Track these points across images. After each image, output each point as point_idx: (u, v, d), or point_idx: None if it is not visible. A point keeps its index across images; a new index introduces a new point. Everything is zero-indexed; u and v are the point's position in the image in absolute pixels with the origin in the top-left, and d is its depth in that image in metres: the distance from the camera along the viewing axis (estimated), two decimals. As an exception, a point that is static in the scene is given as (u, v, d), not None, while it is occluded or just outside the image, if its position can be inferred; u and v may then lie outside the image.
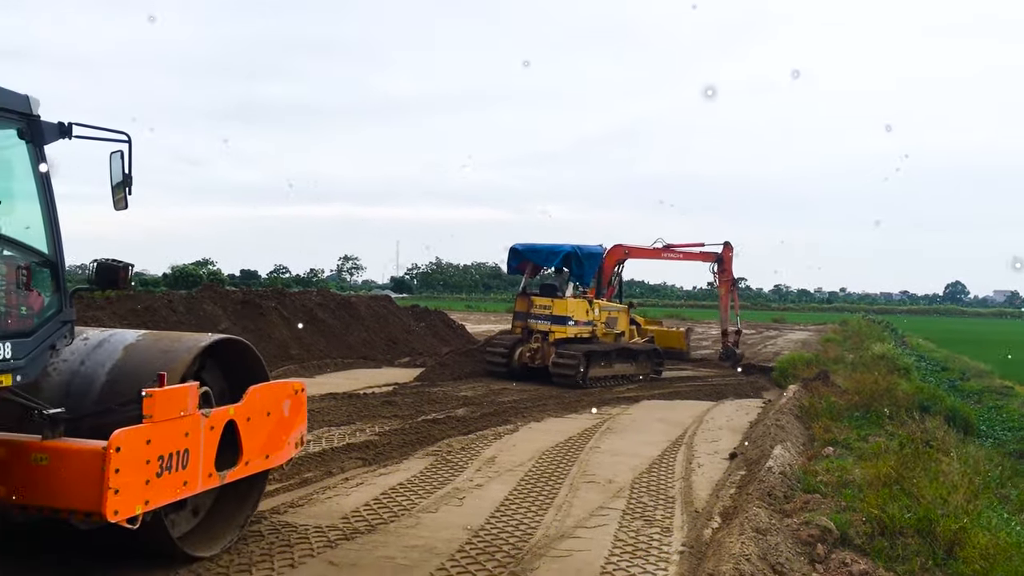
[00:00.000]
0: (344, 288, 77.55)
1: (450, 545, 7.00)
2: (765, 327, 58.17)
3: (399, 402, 14.84)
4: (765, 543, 6.63)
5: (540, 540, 7.27)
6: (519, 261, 20.20)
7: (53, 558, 6.18)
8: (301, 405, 7.35)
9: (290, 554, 6.59)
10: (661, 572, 6.56)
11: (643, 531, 7.67)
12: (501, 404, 15.66)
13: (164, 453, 5.52)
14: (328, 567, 6.37)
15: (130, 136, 5.81)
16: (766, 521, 7.19)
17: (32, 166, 5.48)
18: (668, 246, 26.65)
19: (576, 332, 19.29)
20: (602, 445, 11.99)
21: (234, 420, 6.36)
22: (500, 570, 6.45)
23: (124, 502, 5.20)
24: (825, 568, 6.57)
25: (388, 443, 11.05)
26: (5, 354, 5.11)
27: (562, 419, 14.40)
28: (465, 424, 13.12)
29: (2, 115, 5.27)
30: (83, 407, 5.80)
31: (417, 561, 6.58)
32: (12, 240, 5.30)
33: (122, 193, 5.82)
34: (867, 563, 6.64)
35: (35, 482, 5.21)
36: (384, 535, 7.23)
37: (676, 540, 7.43)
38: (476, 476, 9.62)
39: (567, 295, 19.36)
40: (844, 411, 14.02)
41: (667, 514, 8.31)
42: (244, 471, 6.55)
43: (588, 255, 19.68)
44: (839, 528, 7.21)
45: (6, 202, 5.39)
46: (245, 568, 6.22)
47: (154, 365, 5.92)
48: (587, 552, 6.98)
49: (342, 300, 26.98)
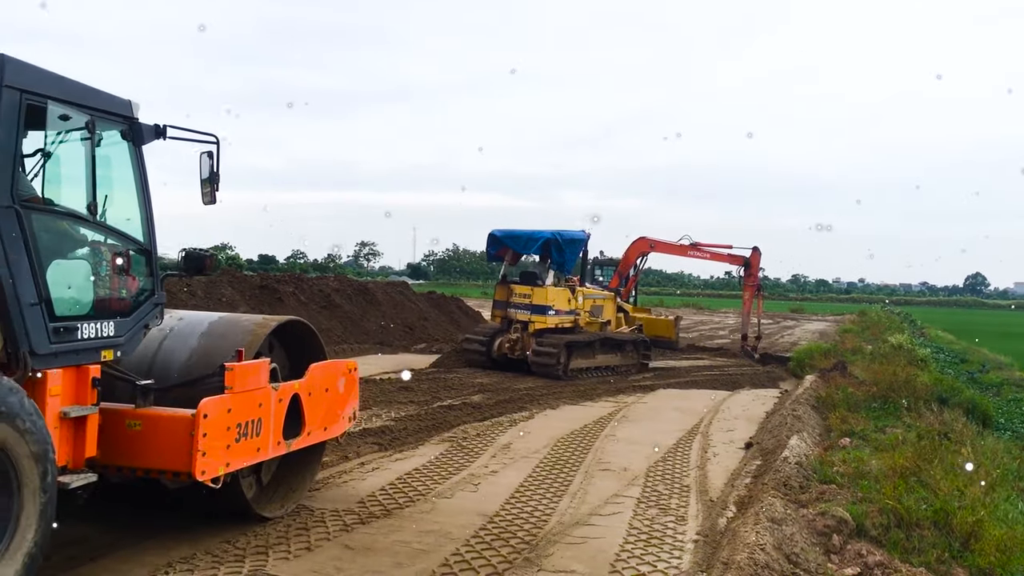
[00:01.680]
0: (361, 274, 77.69)
1: (465, 530, 7.03)
2: (783, 317, 57.96)
3: (415, 388, 14.89)
4: (780, 533, 6.62)
5: (555, 527, 7.29)
6: (498, 248, 19.29)
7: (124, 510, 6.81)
8: (354, 383, 7.99)
9: (306, 537, 6.65)
10: (675, 560, 6.56)
11: (658, 519, 7.67)
12: (517, 391, 15.69)
13: (242, 421, 6.20)
14: (344, 550, 6.41)
15: (218, 138, 6.41)
16: (781, 511, 7.18)
17: (132, 164, 6.11)
18: (695, 244, 26.39)
19: (557, 322, 18.53)
20: (617, 433, 11.99)
21: (298, 394, 6.99)
22: (515, 556, 6.48)
23: (209, 464, 5.85)
24: (840, 559, 6.56)
25: (404, 429, 11.10)
26: (108, 331, 5.75)
27: (577, 407, 14.42)
28: (481, 411, 13.16)
29: (108, 118, 5.85)
30: (168, 379, 6.46)
31: (432, 546, 6.61)
32: (116, 230, 5.92)
33: (209, 188, 6.44)
34: (883, 554, 6.61)
35: (129, 446, 5.83)
36: (399, 520, 7.27)
37: (691, 529, 7.43)
38: (491, 462, 9.65)
39: (547, 283, 18.59)
40: (861, 402, 13.96)
41: (682, 503, 8.31)
42: (306, 441, 7.18)
43: (569, 241, 18.79)
44: (855, 519, 7.18)
45: (109, 196, 5.87)
46: (262, 550, 6.28)
47: (231, 342, 6.61)
48: (601, 539, 6.99)
49: (359, 286, 27.10)
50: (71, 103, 5.52)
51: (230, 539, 6.45)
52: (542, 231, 18.77)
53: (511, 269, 19.52)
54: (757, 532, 6.50)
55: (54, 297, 5.29)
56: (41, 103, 5.28)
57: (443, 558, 6.34)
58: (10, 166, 5.07)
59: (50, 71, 5.40)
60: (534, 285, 18.42)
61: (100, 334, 5.67)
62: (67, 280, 5.50)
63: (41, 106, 5.29)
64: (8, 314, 4.97)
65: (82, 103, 5.60)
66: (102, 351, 5.71)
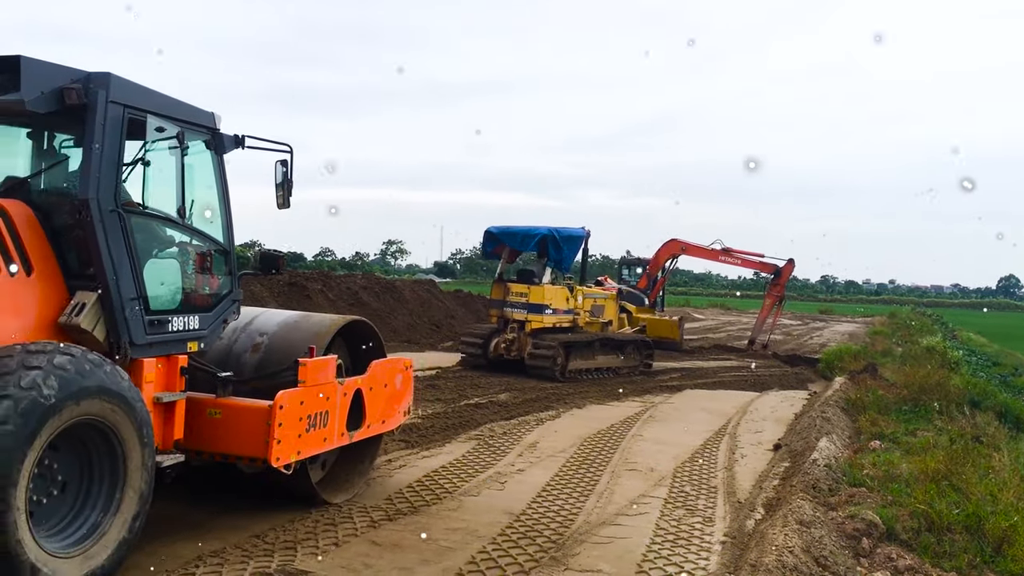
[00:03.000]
0: (388, 272, 77.97)
1: (491, 529, 7.04)
2: (811, 318, 57.51)
3: (442, 386, 14.93)
4: (809, 535, 6.57)
5: (581, 526, 7.28)
6: (494, 245, 18.57)
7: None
8: (409, 380, 8.46)
9: (334, 533, 6.69)
10: (703, 562, 6.53)
11: (685, 520, 7.64)
12: (543, 390, 15.68)
13: (312, 412, 6.68)
14: (371, 547, 6.44)
15: (291, 147, 6.97)
16: (810, 513, 7.12)
17: (214, 171, 6.68)
18: (727, 249, 26.39)
19: (555, 321, 17.89)
20: (644, 433, 11.95)
21: (361, 389, 7.43)
22: (541, 555, 6.48)
23: (284, 451, 6.36)
24: (870, 562, 6.50)
25: (431, 426, 11.13)
26: (194, 325, 6.31)
27: (604, 406, 14.39)
28: (507, 409, 13.17)
29: (194, 129, 6.39)
30: (243, 371, 6.94)
31: (459, 543, 6.63)
32: (200, 232, 6.48)
33: (282, 193, 6.98)
34: (913, 558, 6.55)
35: (210, 432, 6.33)
36: (426, 517, 7.30)
37: (718, 530, 7.39)
38: (518, 461, 9.66)
39: (544, 281, 17.92)
40: (892, 405, 13.81)
41: (709, 504, 8.27)
42: (366, 433, 7.62)
43: (567, 238, 18.07)
44: (885, 522, 7.11)
45: (195, 201, 6.43)
46: (291, 545, 6.32)
47: (303, 340, 7.08)
48: (628, 539, 6.98)
49: (386, 284, 27.22)
50: (165, 116, 6.04)
51: (259, 534, 6.51)
52: (539, 227, 18.11)
53: (508, 267, 18.82)
54: (785, 534, 6.46)
55: (149, 293, 5.86)
56: (140, 117, 5.80)
57: (470, 556, 6.36)
58: (115, 174, 5.61)
59: (146, 87, 5.92)
60: (531, 283, 17.79)
61: (187, 327, 6.25)
62: (160, 277, 6.05)
63: (140, 120, 5.80)
64: (112, 308, 5.54)
65: (173, 116, 6.14)
66: (188, 343, 6.30)
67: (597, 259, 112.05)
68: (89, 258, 5.54)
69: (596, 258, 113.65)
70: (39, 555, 4.67)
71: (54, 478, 5.02)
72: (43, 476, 4.91)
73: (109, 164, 5.57)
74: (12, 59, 5.35)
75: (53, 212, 5.62)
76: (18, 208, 5.44)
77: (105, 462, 5.25)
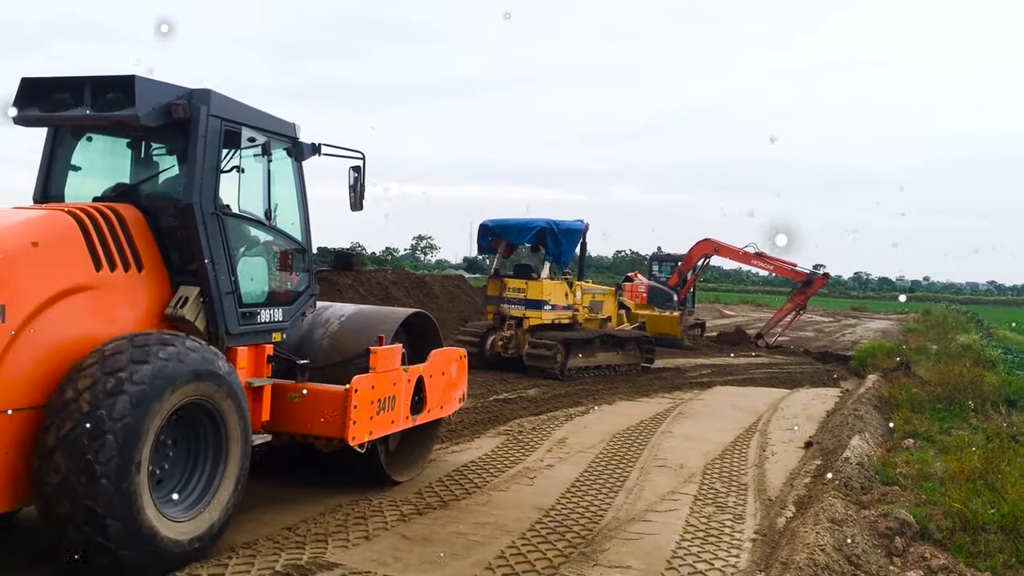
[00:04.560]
0: (418, 267, 78.17)
1: (521, 524, 7.05)
2: (844, 315, 56.90)
3: (471, 381, 14.90)
4: (841, 534, 6.50)
5: (610, 522, 7.27)
6: (490, 239, 17.86)
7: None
8: (464, 368, 9.05)
9: (365, 526, 6.74)
10: (733, 559, 6.49)
11: (715, 517, 7.60)
12: (572, 386, 15.68)
13: (382, 396, 7.30)
14: (401, 540, 6.48)
15: (364, 154, 7.57)
16: (842, 512, 7.05)
17: (294, 176, 7.29)
18: (760, 253, 26.66)
19: (554, 318, 17.25)
20: (674, 430, 11.91)
21: (422, 376, 8.04)
22: (570, 550, 6.48)
23: (358, 431, 7.00)
24: (903, 561, 6.42)
25: (460, 421, 11.16)
26: (278, 317, 6.93)
27: (633, 402, 14.35)
28: (536, 405, 13.18)
29: (278, 138, 7.00)
30: (317, 358, 7.51)
31: (488, 538, 6.65)
32: (283, 233, 7.09)
33: (355, 196, 7.60)
34: (947, 558, 6.46)
35: (291, 414, 6.96)
36: (456, 511, 7.32)
37: (748, 528, 7.35)
38: (547, 457, 9.66)
39: (542, 276, 17.25)
40: (926, 403, 13.62)
41: (740, 501, 8.23)
42: (427, 417, 8.23)
43: (566, 231, 17.41)
44: (919, 521, 7.02)
45: (279, 204, 7.00)
46: (322, 538, 6.37)
47: (372, 330, 7.65)
48: (658, 536, 6.96)
49: (416, 279, 27.29)
50: (254, 127, 6.68)
51: (290, 526, 6.57)
52: (537, 220, 17.51)
53: (504, 262, 18.23)
54: (817, 532, 6.41)
55: (242, 288, 6.47)
56: (235, 128, 6.46)
57: (499, 550, 6.37)
58: (214, 180, 6.25)
59: (240, 102, 6.55)
60: (528, 278, 17.07)
61: (272, 319, 6.87)
62: (250, 274, 6.65)
63: (235, 131, 6.46)
64: (211, 300, 6.16)
65: (261, 126, 6.77)
66: (273, 333, 6.92)
67: (627, 255, 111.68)
68: (190, 256, 6.16)
69: (626, 253, 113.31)
70: (159, 518, 5.31)
71: (167, 453, 5.65)
72: (159, 449, 5.49)
73: (209, 171, 6.19)
74: (127, 79, 5.94)
75: (159, 215, 6.23)
76: (129, 211, 6.04)
77: (210, 439, 5.87)
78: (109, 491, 4.94)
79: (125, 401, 5.04)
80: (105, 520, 4.95)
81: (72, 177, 6.68)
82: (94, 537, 4.96)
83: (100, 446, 4.93)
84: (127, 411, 5.03)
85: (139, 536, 5.11)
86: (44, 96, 6.21)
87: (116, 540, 5.00)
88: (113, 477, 4.96)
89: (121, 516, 5.00)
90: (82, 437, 4.93)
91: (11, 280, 5.07)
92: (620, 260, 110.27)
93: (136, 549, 5.09)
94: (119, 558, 5.04)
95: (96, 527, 4.94)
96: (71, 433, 4.95)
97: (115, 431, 4.98)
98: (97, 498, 4.92)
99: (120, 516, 5.00)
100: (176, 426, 5.65)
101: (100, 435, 4.94)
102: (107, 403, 5.00)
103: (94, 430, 4.94)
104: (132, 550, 5.07)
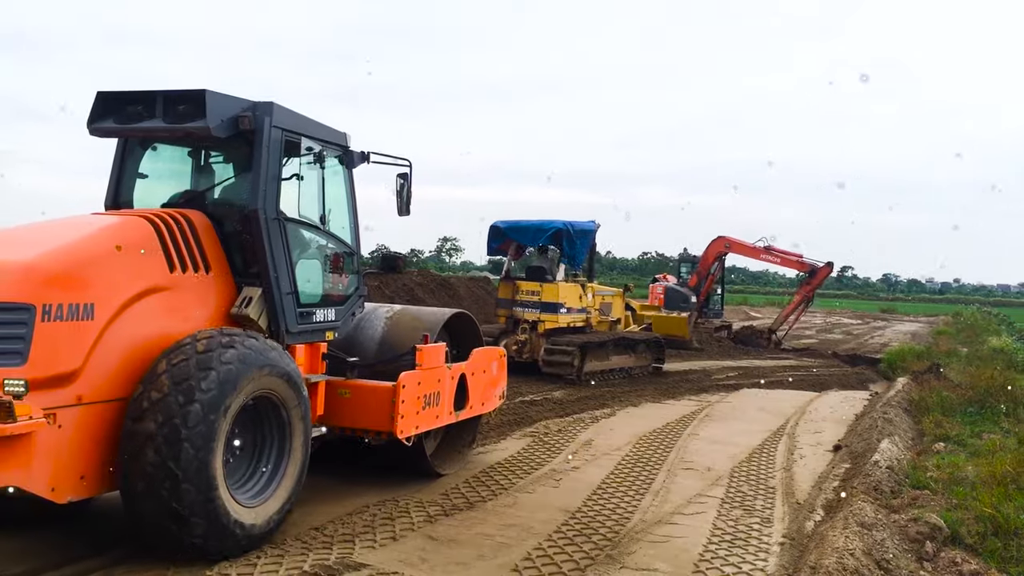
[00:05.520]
0: (443, 269, 78.31)
1: (547, 526, 7.05)
2: (873, 317, 56.34)
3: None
4: (870, 538, 6.44)
5: (637, 524, 7.25)
6: (501, 241, 17.25)
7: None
8: (503, 367, 9.37)
9: (391, 527, 6.76)
10: (760, 563, 6.46)
11: (742, 520, 7.56)
12: (597, 388, 15.65)
13: (427, 392, 7.64)
14: (428, 541, 6.50)
15: (411, 162, 7.91)
16: (872, 516, 6.99)
17: (345, 183, 7.64)
18: (769, 247, 27.02)
19: (569, 321, 16.77)
20: (700, 432, 11.85)
21: (464, 374, 8.38)
22: (597, 552, 6.47)
23: (406, 425, 7.33)
24: (934, 566, 6.35)
25: (486, 423, 11.15)
26: (331, 317, 7.28)
27: (660, 405, 14.30)
28: (562, 406, 13.17)
29: (331, 147, 7.35)
30: (366, 356, 7.87)
31: (514, 540, 6.65)
32: (336, 237, 7.42)
33: (401, 202, 7.91)
34: (979, 563, 6.38)
35: (341, 409, 7.31)
36: (482, 513, 7.34)
37: (776, 531, 7.30)
38: (573, 459, 9.66)
39: (558, 278, 16.79)
40: (956, 406, 13.45)
41: (767, 504, 8.17)
42: (469, 413, 8.59)
43: (581, 232, 16.97)
44: (949, 526, 6.94)
45: (331, 209, 7.32)
46: (349, 539, 6.41)
47: (417, 329, 8.03)
48: (685, 539, 6.93)
49: (441, 280, 27.39)
50: (311, 137, 7.03)
51: (318, 527, 6.61)
52: (552, 221, 16.91)
53: (513, 264, 17.69)
54: (846, 536, 6.35)
55: (299, 289, 6.81)
56: (295, 138, 6.84)
57: (525, 552, 6.37)
58: (276, 187, 6.60)
59: (298, 113, 6.89)
60: (543, 281, 16.58)
61: (326, 319, 7.22)
62: (306, 275, 6.98)
63: (295, 141, 6.84)
64: (272, 300, 6.52)
65: (317, 136, 7.12)
66: (327, 332, 7.28)
67: (653, 256, 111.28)
68: (253, 258, 6.52)
69: (652, 255, 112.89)
70: (237, 508, 5.69)
71: (235, 443, 5.97)
72: (231, 438, 5.79)
73: (272, 179, 6.55)
74: (198, 93, 6.31)
75: (223, 220, 6.57)
76: (198, 217, 6.40)
77: (274, 428, 6.23)
78: (191, 495, 5.30)
79: (197, 411, 5.35)
80: (183, 500, 5.28)
81: (140, 185, 7.08)
82: (182, 538, 5.37)
83: (178, 457, 5.26)
84: (199, 419, 5.36)
85: (214, 518, 5.44)
86: (118, 109, 6.60)
87: (192, 521, 5.34)
88: (194, 486, 5.31)
89: (199, 498, 5.33)
90: (160, 451, 5.26)
91: (100, 280, 5.47)
92: (645, 261, 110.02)
93: (209, 530, 5.43)
94: (194, 539, 5.39)
95: (175, 507, 5.28)
96: (155, 420, 5.30)
97: (191, 440, 5.30)
98: (178, 479, 5.26)
99: (198, 498, 5.33)
100: (246, 417, 6.01)
101: (177, 444, 5.27)
102: (180, 414, 5.31)
103: (171, 444, 5.27)
104: (206, 531, 5.41)
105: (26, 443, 4.85)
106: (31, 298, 5.07)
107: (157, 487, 5.27)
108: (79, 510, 6.27)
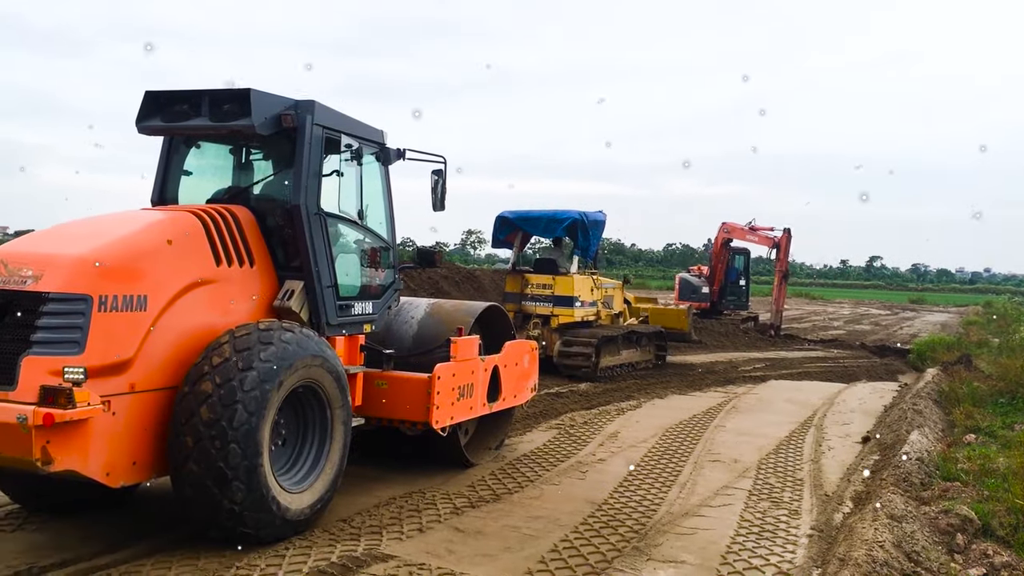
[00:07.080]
0: (468, 262, 78.41)
1: (573, 518, 7.05)
2: (901, 308, 55.77)
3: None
4: (900, 530, 6.38)
5: (664, 517, 7.23)
6: (508, 232, 16.65)
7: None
8: (535, 360, 9.56)
9: (418, 519, 6.80)
10: (789, 555, 6.42)
11: (770, 512, 7.52)
12: (623, 380, 15.62)
13: (462, 384, 7.82)
14: (454, 533, 6.53)
15: (445, 159, 7.98)
16: (901, 508, 6.92)
17: (381, 179, 7.75)
18: (751, 226, 27.07)
19: (583, 315, 16.13)
20: (727, 424, 11.80)
21: (497, 366, 8.55)
22: (623, 544, 6.46)
23: (441, 415, 7.52)
24: (964, 559, 6.28)
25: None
26: (368, 310, 7.46)
27: (686, 396, 14.25)
28: (588, 399, 13.16)
29: (369, 144, 7.46)
30: (401, 348, 7.95)
31: (541, 531, 6.66)
32: (373, 231, 7.56)
33: (436, 197, 7.98)
34: (1010, 555, 6.30)
35: (377, 400, 7.49)
36: (508, 504, 7.35)
37: (804, 523, 7.25)
38: (599, 451, 9.65)
39: (572, 271, 16.04)
40: (988, 397, 13.29)
41: (795, 496, 8.12)
42: (502, 404, 8.76)
43: (594, 223, 16.29)
44: (980, 518, 6.87)
45: (369, 205, 7.43)
46: (376, 530, 6.45)
47: (451, 321, 8.19)
48: (712, 531, 6.90)
49: (466, 273, 27.36)
50: (350, 134, 7.16)
51: (346, 518, 6.66)
52: (567, 211, 16.13)
53: (520, 256, 17.19)
54: (875, 528, 6.30)
55: (339, 282, 6.97)
56: (335, 136, 7.00)
57: (552, 544, 6.38)
58: (317, 183, 6.75)
59: (338, 111, 7.05)
60: (556, 273, 15.85)
61: (364, 312, 7.40)
62: (345, 269, 7.13)
63: (335, 138, 6.99)
64: (314, 293, 6.70)
65: (356, 133, 7.25)
66: (364, 325, 7.45)
67: (678, 247, 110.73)
68: (295, 252, 6.69)
69: (676, 246, 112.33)
70: (278, 489, 5.88)
71: (279, 431, 6.15)
72: (273, 428, 5.94)
73: (313, 175, 6.71)
74: (243, 92, 6.47)
75: (266, 215, 6.75)
76: (243, 212, 6.58)
77: (317, 417, 6.44)
78: (237, 457, 5.49)
79: (254, 377, 5.62)
80: (229, 460, 5.48)
81: (184, 181, 7.27)
82: (221, 502, 5.55)
83: (231, 417, 5.50)
84: (255, 385, 5.61)
85: (255, 486, 5.61)
86: (165, 107, 6.77)
87: (234, 484, 5.52)
88: (241, 448, 5.51)
89: (243, 462, 5.52)
90: (215, 410, 5.50)
91: (152, 273, 5.68)
92: (671, 253, 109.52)
93: (248, 498, 5.60)
94: (233, 504, 5.57)
95: (220, 467, 5.48)
96: (213, 382, 5.56)
97: (245, 402, 5.55)
98: (227, 467, 5.48)
99: (242, 462, 5.52)
100: (291, 409, 6.25)
101: (231, 406, 5.52)
102: (238, 378, 5.59)
103: (225, 405, 5.52)
104: (245, 497, 5.58)
105: (84, 429, 5.03)
106: (89, 289, 5.25)
107: (207, 444, 5.46)
108: (105, 502, 6.49)
